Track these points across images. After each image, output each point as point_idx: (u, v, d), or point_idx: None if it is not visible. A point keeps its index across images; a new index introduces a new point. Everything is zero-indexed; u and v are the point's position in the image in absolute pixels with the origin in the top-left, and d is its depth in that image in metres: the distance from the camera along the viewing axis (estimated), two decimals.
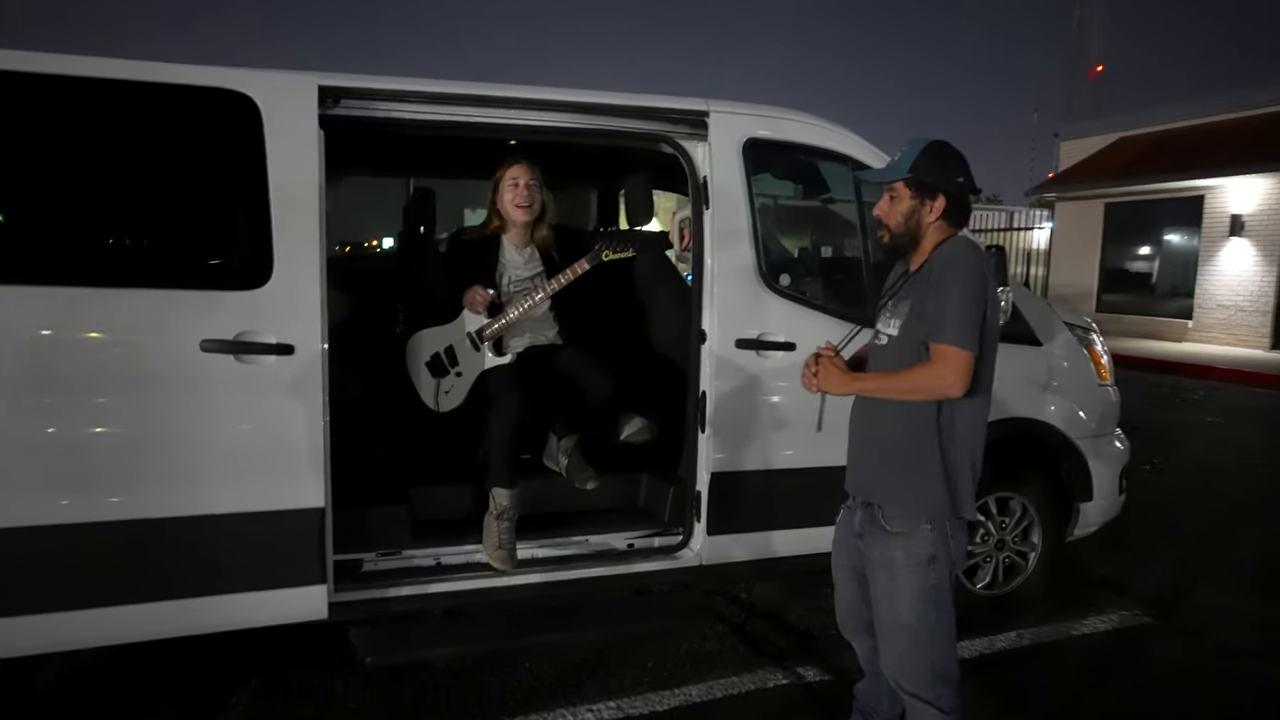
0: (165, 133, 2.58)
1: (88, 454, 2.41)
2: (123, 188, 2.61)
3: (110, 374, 2.43)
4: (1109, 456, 3.80)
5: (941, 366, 2.05)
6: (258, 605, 2.64)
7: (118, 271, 2.52)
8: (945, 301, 2.06)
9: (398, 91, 2.77)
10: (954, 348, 2.03)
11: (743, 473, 3.20)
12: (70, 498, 2.40)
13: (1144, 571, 4.27)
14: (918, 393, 2.11)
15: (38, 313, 2.36)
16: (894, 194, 2.21)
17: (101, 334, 2.43)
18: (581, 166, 4.30)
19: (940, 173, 2.17)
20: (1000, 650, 3.43)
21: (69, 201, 2.54)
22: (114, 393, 2.42)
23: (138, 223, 2.65)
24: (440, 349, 3.29)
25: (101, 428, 2.42)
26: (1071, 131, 18.63)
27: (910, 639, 2.19)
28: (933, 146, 2.19)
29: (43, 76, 2.39)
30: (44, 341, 2.37)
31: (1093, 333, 3.89)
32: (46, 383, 2.36)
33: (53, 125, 2.48)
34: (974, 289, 2.06)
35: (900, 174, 2.18)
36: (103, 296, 2.42)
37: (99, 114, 2.50)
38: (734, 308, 3.13)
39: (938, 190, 2.16)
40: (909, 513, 2.17)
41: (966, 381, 2.04)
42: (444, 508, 3.27)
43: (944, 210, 2.17)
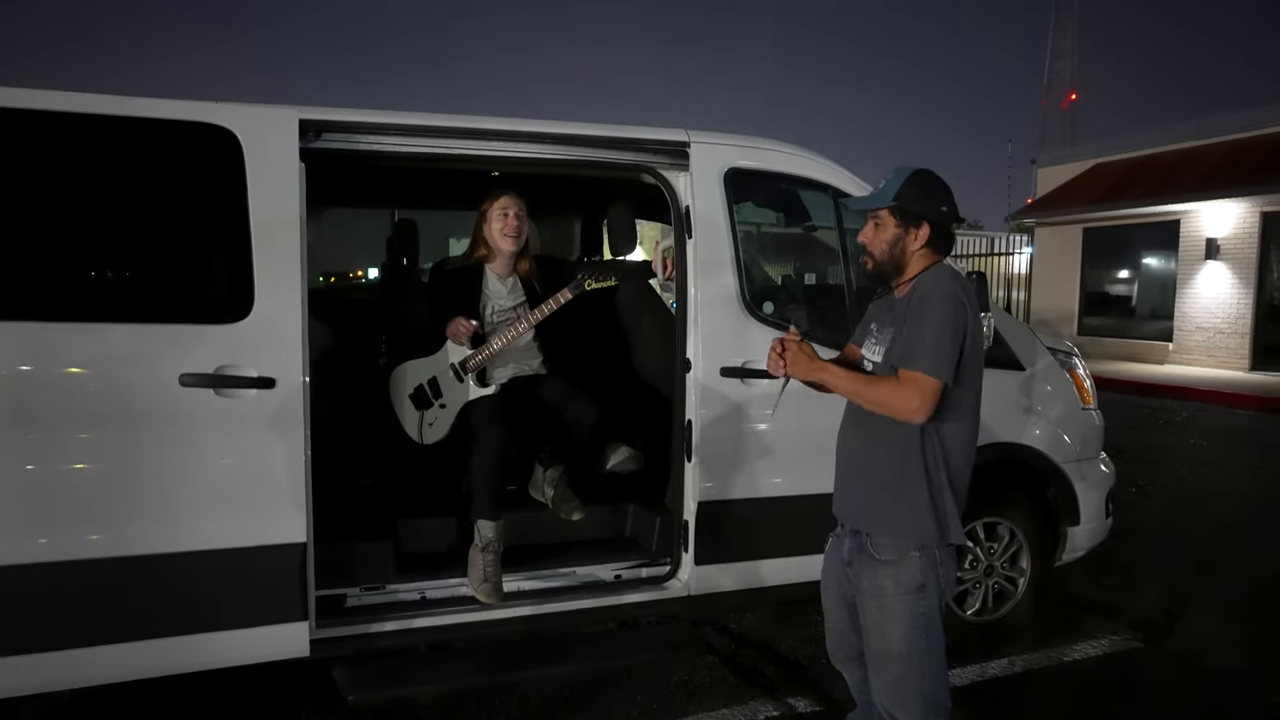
0: (146, 167, 2.58)
1: (64, 490, 2.37)
2: (103, 221, 2.59)
3: (88, 409, 2.39)
4: (1095, 480, 3.82)
5: (908, 389, 2.04)
6: (238, 643, 2.59)
7: (97, 306, 2.50)
8: (922, 329, 2.06)
9: (379, 124, 2.78)
10: (923, 375, 2.03)
11: (730, 501, 3.18)
12: (46, 535, 2.35)
13: (1133, 595, 4.26)
14: (880, 406, 2.10)
15: (15, 348, 2.33)
16: (879, 221, 2.22)
17: (80, 369, 2.40)
18: (564, 196, 4.32)
19: (925, 201, 2.18)
20: (992, 677, 3.41)
21: (49, 236, 2.52)
22: (92, 428, 2.39)
23: (118, 256, 2.63)
24: (424, 380, 3.27)
25: (79, 463, 2.39)
26: (1048, 158, 18.96)
27: (901, 667, 2.17)
28: (917, 175, 2.21)
29: (23, 112, 2.39)
30: (22, 376, 2.33)
31: (1075, 357, 3.92)
32: (23, 418, 2.33)
33: (33, 160, 2.47)
34: (950, 317, 2.06)
35: (885, 201, 2.20)
36: (81, 331, 2.40)
37: (79, 149, 2.49)
38: (718, 336, 3.13)
39: (922, 218, 2.18)
40: (897, 540, 2.16)
41: (930, 409, 2.04)
42: (428, 541, 3.24)
43: (929, 238, 2.19)
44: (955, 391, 2.08)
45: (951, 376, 2.05)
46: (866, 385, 2.14)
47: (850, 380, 2.16)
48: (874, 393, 2.12)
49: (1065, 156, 18.28)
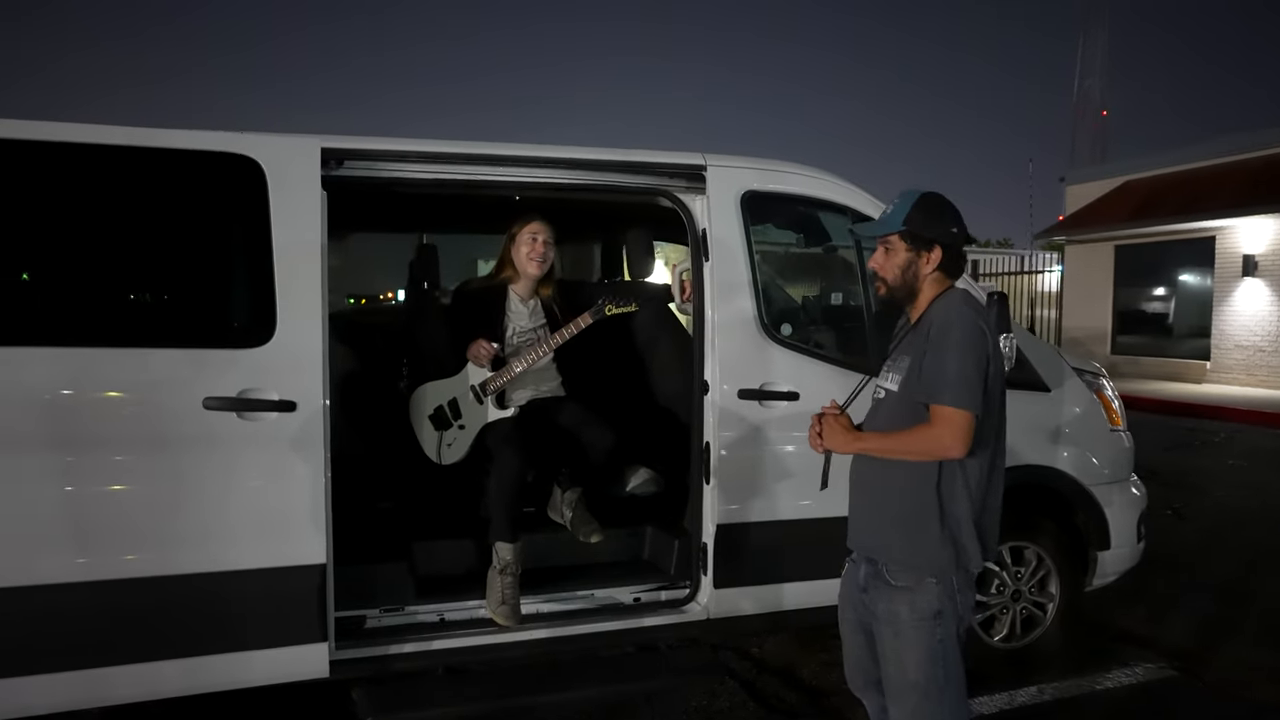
0: (172, 196, 2.65)
1: (89, 512, 2.41)
2: (130, 250, 2.67)
3: (115, 432, 2.45)
4: (1125, 503, 3.73)
5: (940, 428, 2.02)
6: (259, 664, 2.62)
7: (123, 331, 2.57)
8: (943, 361, 2.04)
9: (399, 152, 2.84)
10: (953, 409, 2.01)
11: (749, 524, 3.16)
12: (70, 556, 2.40)
13: (1167, 622, 4.15)
14: (919, 454, 2.09)
15: (44, 373, 2.40)
16: (889, 247, 2.21)
17: (107, 393, 2.46)
18: (584, 220, 4.36)
19: (934, 224, 2.17)
20: (1021, 706, 3.33)
21: (78, 264, 2.60)
22: (118, 451, 2.44)
23: (145, 283, 2.71)
24: (444, 402, 3.30)
25: (104, 485, 2.44)
26: (1077, 176, 18.76)
27: (919, 697, 2.13)
28: (925, 198, 2.20)
29: (54, 145, 2.47)
30: (50, 401, 2.40)
31: (1102, 377, 3.85)
32: (51, 442, 2.38)
33: (64, 190, 2.56)
34: (973, 347, 2.03)
35: (894, 227, 2.18)
36: (108, 356, 2.46)
37: (109, 179, 2.57)
38: (736, 358, 3.13)
39: (934, 241, 2.16)
40: (914, 569, 2.13)
41: (967, 443, 2.01)
42: (447, 563, 3.25)
43: (940, 261, 2.17)
44: (981, 420, 2.05)
45: (980, 407, 2.02)
46: (899, 440, 2.12)
47: (882, 441, 2.16)
48: (908, 444, 2.09)
49: (1095, 174, 18.08)
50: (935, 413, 2.04)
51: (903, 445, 2.11)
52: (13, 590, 2.35)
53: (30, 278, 2.55)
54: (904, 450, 2.11)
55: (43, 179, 2.52)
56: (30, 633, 2.38)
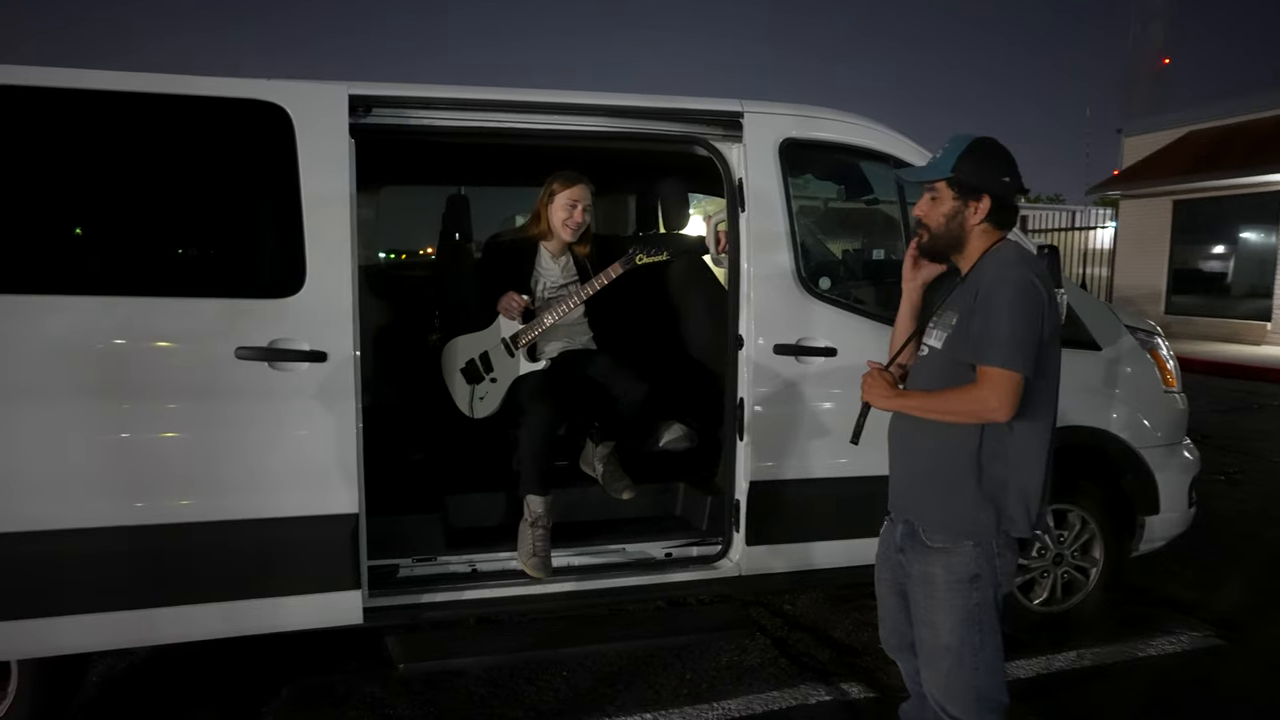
0: (200, 144, 2.63)
1: (127, 459, 2.45)
2: (158, 198, 2.66)
3: (150, 380, 2.47)
4: (1177, 467, 3.60)
5: (985, 389, 1.92)
6: (295, 609, 2.66)
7: (155, 281, 2.57)
8: (993, 320, 1.93)
9: (428, 99, 2.77)
10: (1000, 369, 1.91)
11: (782, 481, 3.11)
12: (110, 502, 2.44)
13: (1216, 590, 4.02)
14: (960, 415, 1.99)
15: (76, 322, 2.41)
16: (935, 194, 2.09)
17: (141, 341, 2.47)
18: (618, 171, 4.27)
19: (985, 172, 2.05)
20: (1058, 670, 3.27)
21: (110, 214, 2.60)
22: (152, 399, 2.46)
23: (173, 232, 2.71)
24: (475, 355, 3.28)
25: (139, 433, 2.46)
26: (1136, 127, 17.93)
27: (952, 661, 2.07)
28: (977, 144, 2.07)
29: (85, 92, 2.45)
30: (83, 350, 2.42)
31: (1157, 336, 3.69)
32: (86, 390, 2.41)
33: (93, 138, 2.55)
34: (1026, 306, 1.92)
35: (942, 173, 2.07)
36: (141, 305, 2.47)
37: (138, 127, 2.56)
38: (772, 312, 3.05)
39: (982, 190, 2.04)
40: (951, 530, 2.06)
41: (1013, 405, 1.91)
42: (479, 515, 3.26)
43: (989, 212, 2.05)
44: (1029, 383, 1.95)
45: (1031, 369, 1.92)
46: (940, 400, 2.02)
47: (923, 400, 2.06)
48: (950, 404, 2.00)
49: (1154, 125, 17.26)
50: (981, 373, 1.94)
51: (945, 405, 2.01)
52: (63, 532, 2.40)
53: (61, 226, 2.56)
54: (946, 411, 2.02)
55: (73, 126, 2.51)
56: (82, 574, 2.44)
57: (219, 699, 2.99)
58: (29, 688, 2.56)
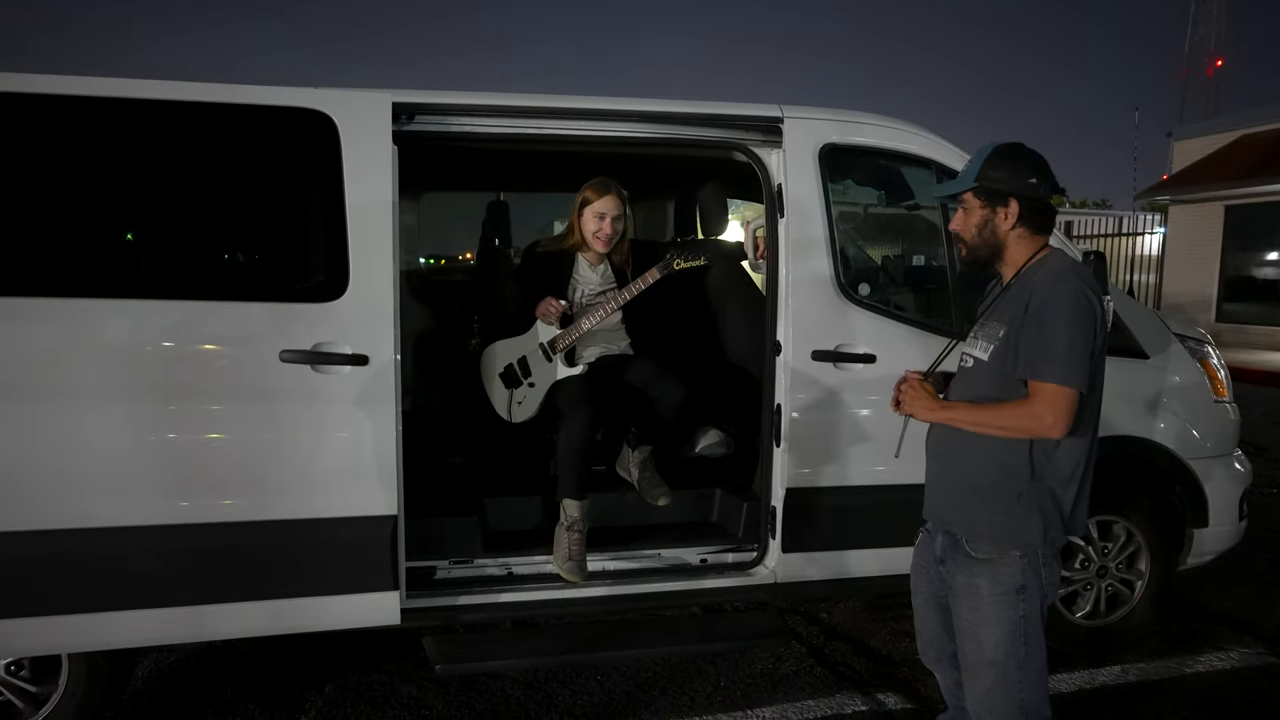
0: (248, 151, 2.70)
1: (174, 459, 2.51)
2: (209, 205, 2.73)
3: (197, 383, 2.53)
4: (1227, 479, 3.50)
5: (1041, 406, 1.89)
6: (335, 609, 2.70)
7: (204, 285, 2.64)
8: (1047, 335, 1.90)
9: (469, 106, 2.81)
10: (1056, 386, 1.88)
11: (820, 489, 3.08)
12: (162, 501, 2.51)
13: (1268, 606, 3.90)
14: (1013, 431, 1.96)
15: (129, 325, 2.48)
16: (965, 206, 2.09)
17: (189, 344, 2.54)
18: (657, 177, 4.28)
19: (1009, 177, 2.02)
20: (1102, 685, 3.19)
21: (161, 220, 2.68)
22: (199, 401, 2.53)
23: (222, 238, 2.78)
24: (514, 360, 3.31)
25: (188, 434, 2.53)
26: (1186, 131, 17.50)
27: (996, 675, 2.04)
28: (1001, 149, 2.06)
29: (134, 101, 2.52)
30: (134, 352, 2.49)
31: (1207, 344, 3.59)
32: (137, 391, 2.48)
33: (145, 147, 2.62)
34: (1082, 321, 1.90)
35: (966, 185, 2.07)
36: (190, 309, 2.54)
37: (188, 136, 2.62)
38: (810, 319, 3.03)
39: (1008, 195, 2.02)
40: (997, 541, 2.03)
41: (1069, 421, 1.88)
42: (515, 519, 3.29)
43: (1019, 216, 2.02)
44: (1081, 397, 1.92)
45: (1086, 385, 1.89)
46: (992, 415, 1.99)
47: (973, 413, 2.02)
48: (1002, 419, 1.97)
49: (1206, 129, 16.83)
50: (1036, 389, 1.90)
51: (997, 421, 1.98)
52: (118, 530, 2.47)
53: (117, 232, 2.64)
54: (998, 426, 1.98)
55: (129, 135, 2.58)
56: (134, 570, 2.51)
57: (263, 694, 3.05)
58: (79, 681, 2.64)
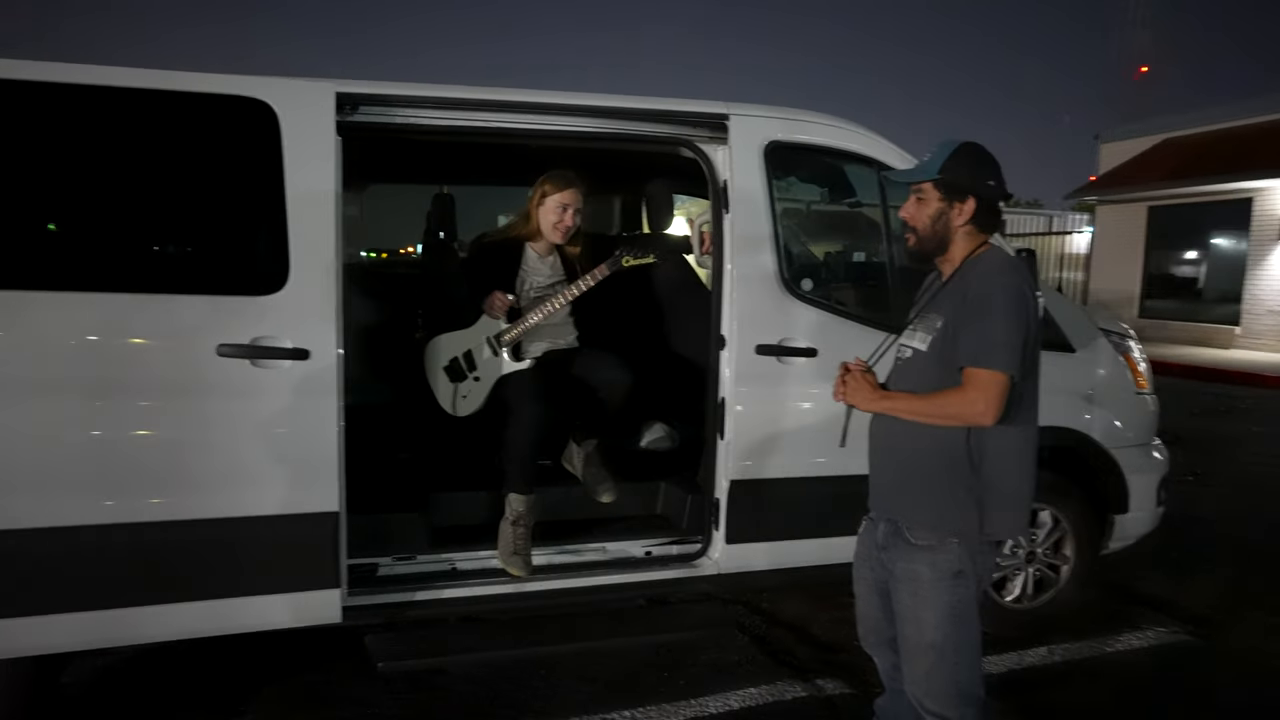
0: (184, 140, 2.62)
1: (108, 457, 2.43)
2: (142, 194, 2.64)
3: (128, 378, 2.45)
4: (1147, 467, 3.68)
5: (974, 392, 1.96)
6: (273, 608, 2.65)
7: (137, 277, 2.55)
8: (983, 324, 1.97)
9: (415, 98, 2.78)
10: (988, 371, 1.95)
11: (763, 480, 3.15)
12: (91, 499, 2.43)
13: (1184, 587, 4.11)
14: (948, 418, 2.02)
15: (55, 319, 2.39)
16: (921, 196, 2.14)
17: (119, 338, 2.45)
18: (604, 172, 4.29)
19: (971, 175, 2.10)
20: (1029, 666, 3.33)
21: (89, 209, 2.58)
22: (131, 396, 2.45)
23: (156, 229, 2.69)
24: (459, 353, 3.29)
25: (121, 431, 2.45)
26: (1113, 134, 18.21)
27: (935, 657, 2.11)
28: (964, 148, 2.13)
29: (67, 86, 2.43)
30: (61, 346, 2.40)
31: (1130, 339, 3.77)
32: (64, 387, 2.39)
33: (74, 134, 2.52)
34: (1015, 311, 1.97)
35: (929, 175, 2.12)
36: (121, 302, 2.45)
37: (120, 122, 2.54)
38: (754, 313, 3.08)
39: (968, 193, 2.09)
40: (937, 529, 2.10)
41: (1000, 409, 1.95)
42: (461, 513, 3.27)
43: (973, 214, 2.10)
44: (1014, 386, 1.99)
45: (1017, 370, 1.96)
46: (928, 403, 2.05)
47: (911, 402, 2.08)
48: (938, 408, 2.03)
49: (1131, 132, 17.55)
50: (970, 376, 1.97)
51: (933, 408, 2.04)
52: (40, 531, 2.38)
53: (43, 223, 2.54)
54: (934, 413, 2.05)
55: (54, 121, 2.48)
56: (58, 572, 2.42)
57: (203, 697, 2.97)
58: (2, 688, 2.53)
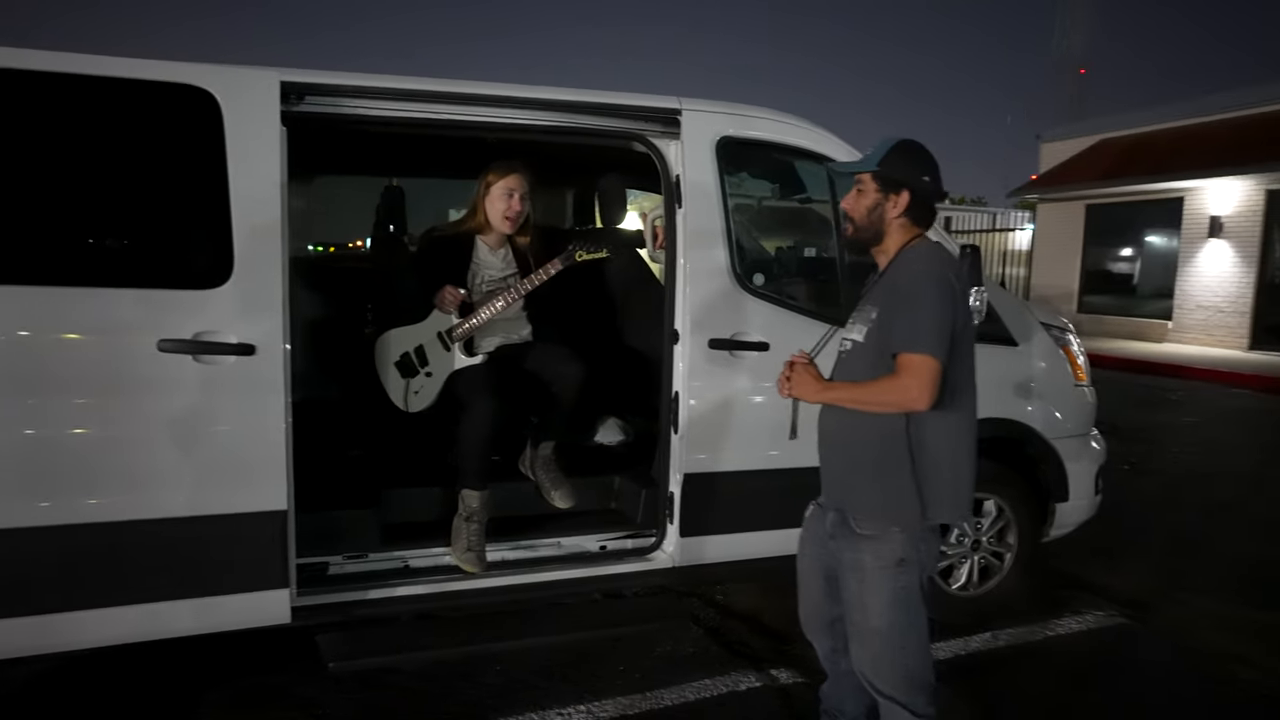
0: (122, 129, 2.53)
1: (40, 457, 2.35)
2: (77, 184, 2.55)
3: (64, 375, 2.37)
4: (1085, 456, 3.81)
5: (907, 378, 2.03)
6: (220, 609, 2.59)
7: (71, 270, 2.46)
8: (910, 311, 2.05)
9: (363, 88, 2.73)
10: (919, 356, 2.02)
11: (716, 474, 3.17)
12: (22, 501, 2.34)
13: (1121, 572, 4.27)
14: (885, 405, 2.10)
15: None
16: (861, 187, 2.23)
17: (54, 334, 2.37)
18: (556, 166, 4.27)
19: (908, 169, 2.18)
20: (975, 651, 3.42)
21: (21, 198, 2.47)
22: (68, 393, 2.37)
23: (92, 220, 2.59)
24: (410, 349, 3.24)
25: (54, 429, 2.36)
26: (1053, 134, 18.76)
27: (882, 642, 2.17)
28: (903, 144, 2.21)
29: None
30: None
31: (1069, 333, 3.89)
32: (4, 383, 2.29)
33: (8, 121, 2.42)
34: (941, 298, 2.05)
35: (869, 167, 2.20)
36: (56, 295, 2.36)
37: (55, 109, 2.44)
38: (707, 308, 3.10)
39: (903, 186, 2.17)
40: (879, 519, 2.15)
41: (933, 393, 2.02)
42: (414, 510, 3.23)
43: (907, 207, 2.18)
44: (946, 371, 2.06)
45: (945, 355, 2.03)
46: (866, 390, 2.12)
47: (851, 391, 2.15)
48: (875, 394, 2.10)
49: (1070, 132, 18.11)
50: (902, 362, 2.04)
51: (871, 396, 2.11)
52: None
53: None
54: (871, 400, 2.12)
55: None
56: None
57: (144, 705, 2.89)
58: None
